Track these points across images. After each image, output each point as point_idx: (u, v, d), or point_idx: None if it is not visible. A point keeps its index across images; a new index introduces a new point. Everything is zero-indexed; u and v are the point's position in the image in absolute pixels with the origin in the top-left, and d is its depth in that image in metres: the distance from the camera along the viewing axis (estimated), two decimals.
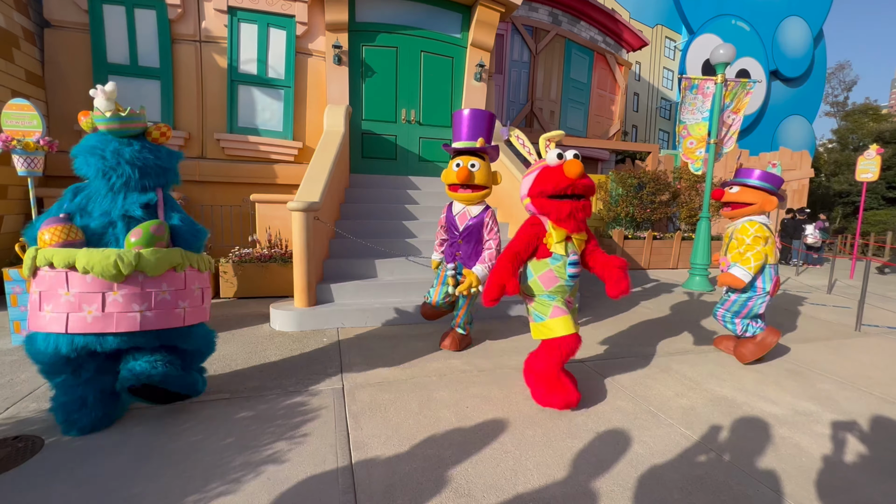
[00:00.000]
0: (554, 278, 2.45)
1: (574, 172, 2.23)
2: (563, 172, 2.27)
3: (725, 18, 15.37)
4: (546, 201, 2.35)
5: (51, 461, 1.85)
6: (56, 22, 5.21)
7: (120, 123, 2.06)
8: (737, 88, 6.26)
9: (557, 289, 2.47)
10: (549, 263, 2.45)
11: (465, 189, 3.06)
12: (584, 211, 2.36)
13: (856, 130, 21.27)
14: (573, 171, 2.23)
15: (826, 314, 5.05)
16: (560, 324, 2.40)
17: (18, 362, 2.88)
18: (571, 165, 2.24)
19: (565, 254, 2.42)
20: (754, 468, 1.98)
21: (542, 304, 2.50)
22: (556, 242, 2.40)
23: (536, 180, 2.38)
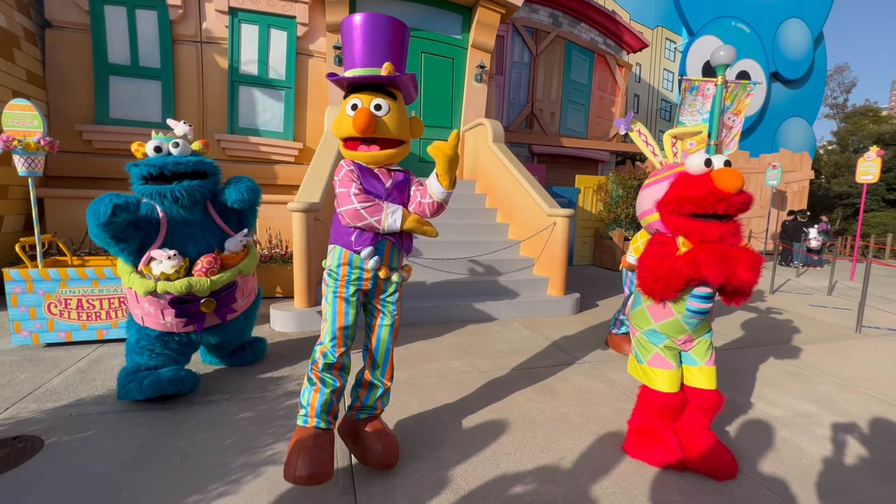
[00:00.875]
0: (667, 311, 1.91)
1: (734, 185, 1.64)
2: (712, 184, 1.69)
3: (726, 20, 15.39)
4: (685, 220, 1.78)
5: (51, 462, 1.84)
6: (57, 22, 5.21)
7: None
8: (737, 90, 6.26)
9: (671, 326, 1.93)
10: None
11: (368, 145, 1.80)
12: (737, 236, 1.75)
13: (856, 132, 21.28)
14: (731, 183, 1.64)
15: (826, 316, 5.04)
16: (660, 377, 1.98)
17: (18, 362, 2.88)
18: (729, 176, 1.65)
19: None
20: (755, 470, 1.97)
21: (643, 344, 2.05)
22: None
23: (671, 192, 1.82)
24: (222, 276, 2.41)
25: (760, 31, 16.00)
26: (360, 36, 1.78)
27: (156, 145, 2.34)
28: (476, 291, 4.57)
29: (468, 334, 3.79)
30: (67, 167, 5.24)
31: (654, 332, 2.00)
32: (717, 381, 1.99)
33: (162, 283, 2.25)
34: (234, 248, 2.56)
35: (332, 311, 1.86)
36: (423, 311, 4.11)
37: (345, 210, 1.76)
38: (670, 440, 1.95)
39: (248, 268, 2.59)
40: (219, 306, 2.48)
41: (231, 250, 2.55)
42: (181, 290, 2.27)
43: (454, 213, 5.65)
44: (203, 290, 2.33)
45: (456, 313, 4.21)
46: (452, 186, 1.79)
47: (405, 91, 1.88)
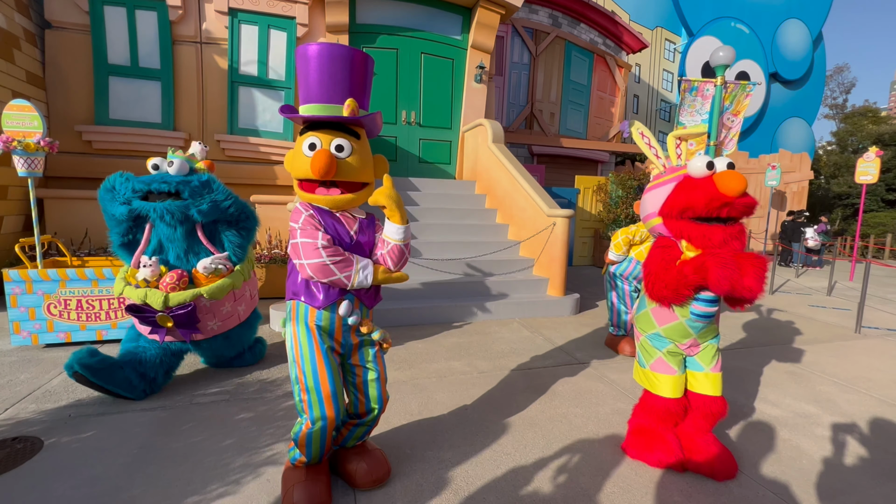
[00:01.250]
0: (671, 315, 1.89)
1: (736, 189, 1.62)
2: (715, 187, 1.67)
3: (725, 21, 15.41)
4: (688, 224, 1.75)
5: (50, 462, 1.84)
6: (57, 23, 5.21)
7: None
8: (736, 91, 6.27)
9: (674, 329, 1.91)
10: None
11: (328, 188, 1.60)
12: (740, 239, 1.73)
13: (855, 133, 21.30)
14: (734, 186, 1.62)
15: (826, 316, 5.05)
16: (663, 382, 1.98)
17: (18, 363, 2.88)
18: (732, 179, 1.62)
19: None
20: (755, 470, 1.98)
21: (646, 348, 2.03)
22: None
23: (674, 196, 1.78)
24: (179, 295, 2.31)
25: (760, 32, 16.01)
26: (319, 68, 1.56)
27: (154, 163, 2.43)
28: (476, 292, 4.57)
29: (468, 335, 3.79)
30: (67, 168, 5.24)
31: (659, 336, 1.98)
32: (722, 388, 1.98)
33: (128, 287, 2.31)
34: (203, 270, 2.45)
35: (314, 374, 1.58)
36: (422, 311, 4.11)
37: (309, 264, 1.52)
38: (670, 441, 1.95)
39: (214, 293, 2.42)
40: (178, 324, 2.36)
41: (201, 271, 2.46)
42: (138, 298, 2.29)
43: (454, 213, 5.66)
44: (156, 303, 2.27)
45: (455, 314, 4.21)
46: (406, 221, 1.64)
47: (370, 126, 1.71)
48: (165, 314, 2.30)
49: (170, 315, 2.31)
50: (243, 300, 2.74)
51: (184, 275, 2.41)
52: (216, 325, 2.57)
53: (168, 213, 2.35)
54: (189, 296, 2.33)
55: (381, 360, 1.79)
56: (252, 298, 2.86)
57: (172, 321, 2.33)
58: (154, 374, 2.48)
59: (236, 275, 2.57)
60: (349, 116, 1.56)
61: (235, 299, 2.64)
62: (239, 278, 2.58)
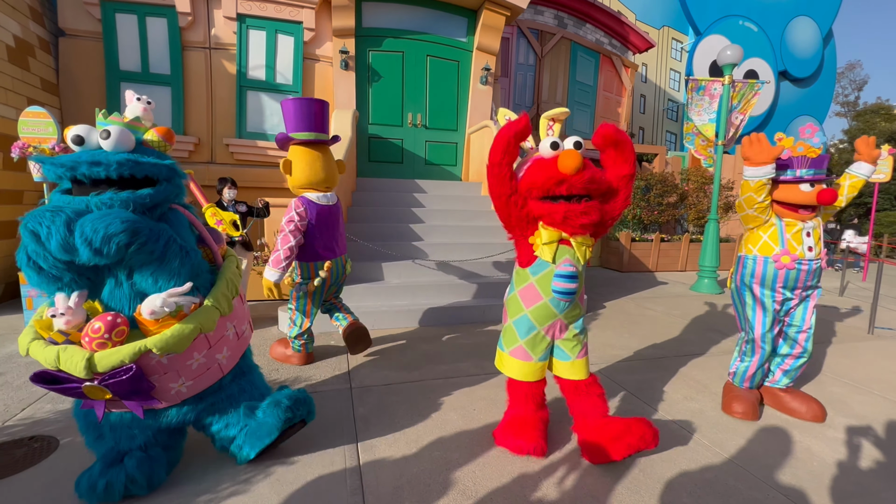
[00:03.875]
0: (536, 295, 1.92)
1: (569, 166, 1.70)
2: (556, 167, 1.75)
3: (733, 19, 15.28)
4: (535, 203, 1.84)
5: (66, 461, 1.88)
6: (70, 31, 5.32)
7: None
8: (744, 89, 6.22)
9: (539, 311, 1.93)
10: (529, 275, 1.94)
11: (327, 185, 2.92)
12: (588, 215, 1.78)
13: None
14: (568, 164, 1.70)
15: (838, 317, 4.98)
16: (514, 367, 2.02)
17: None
18: (567, 157, 1.70)
19: (552, 261, 1.87)
20: (765, 472, 1.96)
21: (509, 334, 2.04)
22: (543, 244, 1.87)
23: (524, 176, 1.86)
24: (111, 355, 1.44)
25: (768, 30, 15.85)
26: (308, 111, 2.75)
27: (76, 134, 1.52)
28: (483, 293, 4.58)
29: (476, 336, 3.80)
30: None
31: (526, 320, 1.98)
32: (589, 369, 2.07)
33: (35, 343, 1.48)
34: (150, 316, 1.51)
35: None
36: (430, 312, 4.12)
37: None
38: (534, 430, 1.98)
39: (168, 346, 1.50)
40: (120, 395, 1.50)
41: (149, 315, 1.51)
42: (48, 362, 1.44)
43: (461, 214, 5.67)
44: (75, 369, 1.42)
45: (463, 315, 4.22)
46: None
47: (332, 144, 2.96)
48: (94, 384, 1.45)
49: (103, 385, 1.45)
50: (224, 344, 1.76)
51: (119, 322, 1.49)
52: (184, 388, 1.66)
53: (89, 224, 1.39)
54: (128, 354, 1.46)
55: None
56: (240, 338, 1.87)
57: (109, 392, 1.48)
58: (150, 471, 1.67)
59: (204, 312, 1.63)
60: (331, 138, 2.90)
61: (211, 346, 1.69)
62: (210, 316, 1.64)
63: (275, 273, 2.74)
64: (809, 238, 2.36)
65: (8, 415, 2.27)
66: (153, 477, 1.68)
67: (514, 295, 2.04)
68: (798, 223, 2.36)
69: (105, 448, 1.68)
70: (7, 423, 2.18)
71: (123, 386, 1.48)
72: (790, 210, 2.36)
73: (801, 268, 2.36)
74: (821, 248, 2.39)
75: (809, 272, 2.38)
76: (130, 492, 1.63)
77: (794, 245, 2.35)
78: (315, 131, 2.79)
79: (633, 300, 5.50)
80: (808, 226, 2.37)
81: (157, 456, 1.72)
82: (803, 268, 2.36)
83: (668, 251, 8.18)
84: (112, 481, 1.59)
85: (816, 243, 2.37)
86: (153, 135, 1.70)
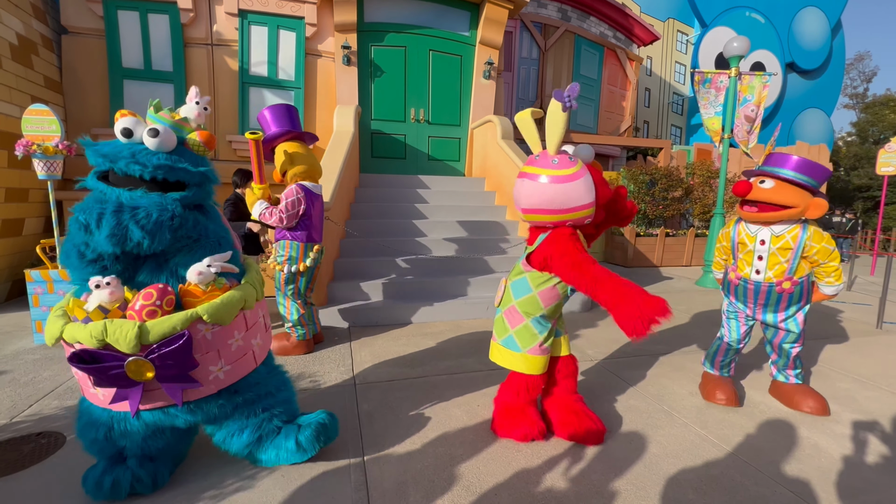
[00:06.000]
0: (556, 294, 2.06)
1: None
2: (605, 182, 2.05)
3: (739, 10, 15.08)
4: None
5: (73, 457, 1.90)
6: (73, 28, 5.32)
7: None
8: (753, 81, 6.14)
9: (556, 308, 2.11)
10: (553, 277, 2.03)
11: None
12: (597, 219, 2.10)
13: (876, 123, 20.70)
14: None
15: (846, 312, 4.93)
16: (539, 363, 2.08)
17: (41, 361, 2.96)
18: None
19: None
20: (771, 468, 1.94)
21: (526, 334, 2.07)
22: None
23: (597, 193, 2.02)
24: (164, 322, 1.43)
25: (776, 21, 15.63)
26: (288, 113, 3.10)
27: (125, 127, 1.56)
28: (486, 288, 4.57)
29: (478, 332, 3.79)
30: (84, 170, 5.32)
31: (542, 319, 2.08)
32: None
33: (70, 325, 1.42)
34: (199, 278, 1.56)
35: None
36: (433, 308, 4.12)
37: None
38: (532, 415, 2.11)
39: (218, 314, 1.52)
40: (163, 374, 1.45)
41: (195, 282, 1.56)
42: (94, 337, 1.38)
43: (464, 210, 5.65)
44: (124, 340, 1.37)
45: (466, 311, 4.21)
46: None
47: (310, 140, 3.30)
48: (141, 358, 1.40)
49: (149, 359, 1.41)
50: (258, 330, 1.78)
51: (168, 290, 1.51)
52: (222, 373, 1.62)
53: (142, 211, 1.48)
54: (180, 320, 1.45)
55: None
56: (267, 330, 1.92)
57: (153, 369, 1.43)
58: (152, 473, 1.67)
59: (247, 287, 1.69)
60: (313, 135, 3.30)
61: (248, 327, 1.71)
62: (251, 293, 1.69)
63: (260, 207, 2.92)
64: (761, 262, 2.35)
65: (15, 411, 2.29)
66: (157, 476, 1.68)
67: (532, 296, 2.04)
68: (748, 244, 2.39)
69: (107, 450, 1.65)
70: (15, 420, 2.20)
71: (171, 357, 1.43)
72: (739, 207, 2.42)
73: (747, 286, 2.42)
74: (784, 270, 2.31)
75: (757, 292, 2.40)
76: (136, 490, 1.64)
77: (744, 265, 2.43)
78: (298, 130, 3.13)
79: None
80: (760, 248, 2.35)
81: (160, 456, 1.73)
82: (749, 286, 2.41)
83: (672, 246, 8.13)
84: (119, 479, 1.60)
85: (771, 267, 2.33)
86: (194, 137, 1.73)
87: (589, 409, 2.18)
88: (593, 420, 2.10)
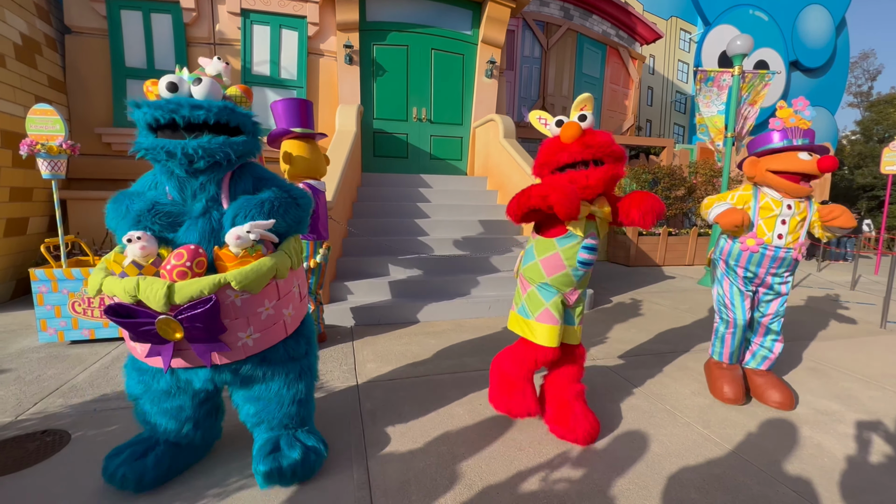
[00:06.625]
0: (560, 265, 2.01)
1: (568, 136, 1.86)
2: (559, 140, 1.93)
3: (742, 8, 15.00)
4: (548, 178, 1.98)
5: (78, 454, 1.91)
6: (76, 28, 5.34)
7: None
8: (755, 80, 6.11)
9: (560, 279, 2.04)
10: (556, 245, 2.01)
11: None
12: (591, 180, 1.87)
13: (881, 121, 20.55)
14: (566, 134, 1.87)
15: (849, 311, 4.91)
16: (544, 332, 2.04)
17: (46, 359, 2.98)
18: (566, 128, 1.87)
19: (583, 234, 1.98)
20: (774, 468, 1.94)
21: (533, 299, 2.09)
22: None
23: (538, 155, 2.06)
24: (191, 284, 1.43)
25: (779, 19, 15.54)
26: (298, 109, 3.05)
27: (170, 81, 1.54)
28: (489, 287, 4.57)
29: (481, 331, 3.80)
30: (88, 169, 5.38)
31: (547, 287, 2.07)
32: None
33: (109, 278, 1.46)
34: (237, 242, 1.54)
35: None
36: (435, 307, 4.12)
37: None
38: (529, 394, 2.13)
39: (248, 281, 1.50)
40: (191, 335, 1.48)
41: (234, 246, 1.55)
42: (127, 292, 1.41)
43: (466, 209, 5.65)
44: (154, 298, 1.40)
45: (469, 310, 4.22)
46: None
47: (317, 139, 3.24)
48: (170, 316, 1.43)
49: (177, 318, 1.44)
50: (290, 300, 1.76)
51: (200, 252, 1.52)
52: (251, 339, 1.62)
53: (205, 153, 1.50)
54: (208, 285, 1.45)
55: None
56: (302, 300, 1.90)
57: (182, 329, 1.46)
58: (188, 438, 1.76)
59: (281, 256, 1.64)
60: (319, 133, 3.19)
61: (280, 297, 1.69)
62: (285, 262, 1.65)
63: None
64: (784, 226, 2.35)
65: (21, 409, 2.30)
66: (171, 470, 1.74)
67: (535, 263, 2.08)
68: (774, 209, 2.36)
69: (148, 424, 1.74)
70: (20, 417, 2.22)
71: (198, 320, 1.45)
72: (790, 179, 2.30)
73: (766, 252, 2.39)
74: (798, 237, 2.37)
75: (775, 259, 2.40)
76: (141, 488, 1.67)
77: (765, 230, 2.38)
78: (306, 127, 3.11)
79: (640, 294, 5.46)
80: (786, 213, 2.35)
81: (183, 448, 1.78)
82: (768, 253, 2.39)
83: (675, 245, 8.11)
84: (127, 474, 1.64)
85: (791, 232, 2.35)
86: (235, 90, 1.73)
87: (587, 406, 2.17)
88: (589, 421, 2.08)
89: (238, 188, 1.68)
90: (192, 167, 1.52)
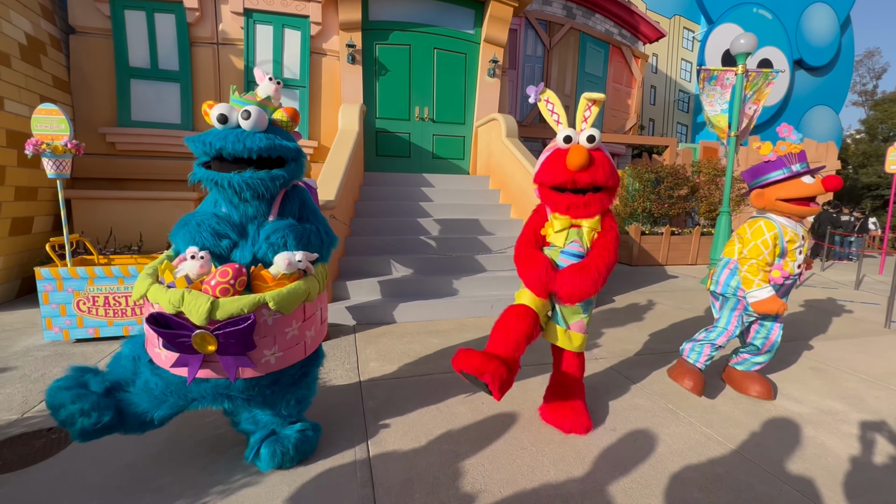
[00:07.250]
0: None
1: (575, 163, 1.86)
2: (564, 162, 1.92)
3: (746, 7, 14.93)
4: (547, 192, 2.05)
5: (83, 452, 1.92)
6: (80, 28, 5.37)
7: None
8: (758, 79, 6.08)
9: None
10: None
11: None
12: (589, 207, 1.99)
13: (886, 120, 20.43)
14: (574, 161, 1.85)
15: (853, 311, 4.89)
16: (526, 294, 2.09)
17: (51, 357, 3.00)
18: (574, 154, 1.85)
19: (563, 244, 2.08)
20: (777, 467, 1.94)
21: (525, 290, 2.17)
22: (555, 232, 2.10)
23: (542, 166, 2.05)
24: (235, 302, 1.50)
25: (783, 17, 15.46)
26: None
27: (221, 114, 1.64)
28: (491, 286, 4.57)
29: (483, 330, 3.80)
30: (92, 169, 5.41)
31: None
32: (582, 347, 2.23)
33: (155, 286, 1.53)
34: (284, 267, 1.66)
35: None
36: (437, 306, 4.13)
37: None
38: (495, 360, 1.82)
39: (284, 302, 1.59)
40: (223, 350, 1.52)
41: (279, 269, 1.67)
42: (172, 303, 1.48)
43: (468, 208, 5.65)
44: (197, 312, 1.46)
45: (471, 310, 4.22)
46: None
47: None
48: (208, 332, 1.48)
49: (214, 334, 1.48)
50: (313, 323, 1.85)
51: (243, 272, 1.61)
52: (273, 358, 1.66)
53: (248, 188, 1.63)
54: (248, 303, 1.52)
55: None
56: (323, 324, 2.00)
57: (216, 343, 1.50)
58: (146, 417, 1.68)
59: (312, 281, 1.76)
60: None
61: (305, 318, 1.77)
62: (315, 287, 1.78)
63: None
64: (801, 256, 2.41)
65: (26, 406, 2.32)
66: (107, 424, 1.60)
67: None
68: (797, 241, 2.39)
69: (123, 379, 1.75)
70: (26, 415, 2.24)
71: (234, 337, 1.50)
72: (801, 205, 2.35)
73: (787, 283, 2.44)
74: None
75: (790, 287, 2.50)
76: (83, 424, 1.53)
77: (788, 262, 2.40)
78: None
79: (642, 294, 5.45)
80: (802, 243, 2.42)
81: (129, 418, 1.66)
82: (787, 283, 2.44)
83: (678, 245, 8.09)
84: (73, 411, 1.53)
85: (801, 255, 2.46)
86: (282, 115, 1.83)
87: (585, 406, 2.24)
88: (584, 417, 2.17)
89: (286, 209, 1.82)
90: (238, 199, 1.68)
